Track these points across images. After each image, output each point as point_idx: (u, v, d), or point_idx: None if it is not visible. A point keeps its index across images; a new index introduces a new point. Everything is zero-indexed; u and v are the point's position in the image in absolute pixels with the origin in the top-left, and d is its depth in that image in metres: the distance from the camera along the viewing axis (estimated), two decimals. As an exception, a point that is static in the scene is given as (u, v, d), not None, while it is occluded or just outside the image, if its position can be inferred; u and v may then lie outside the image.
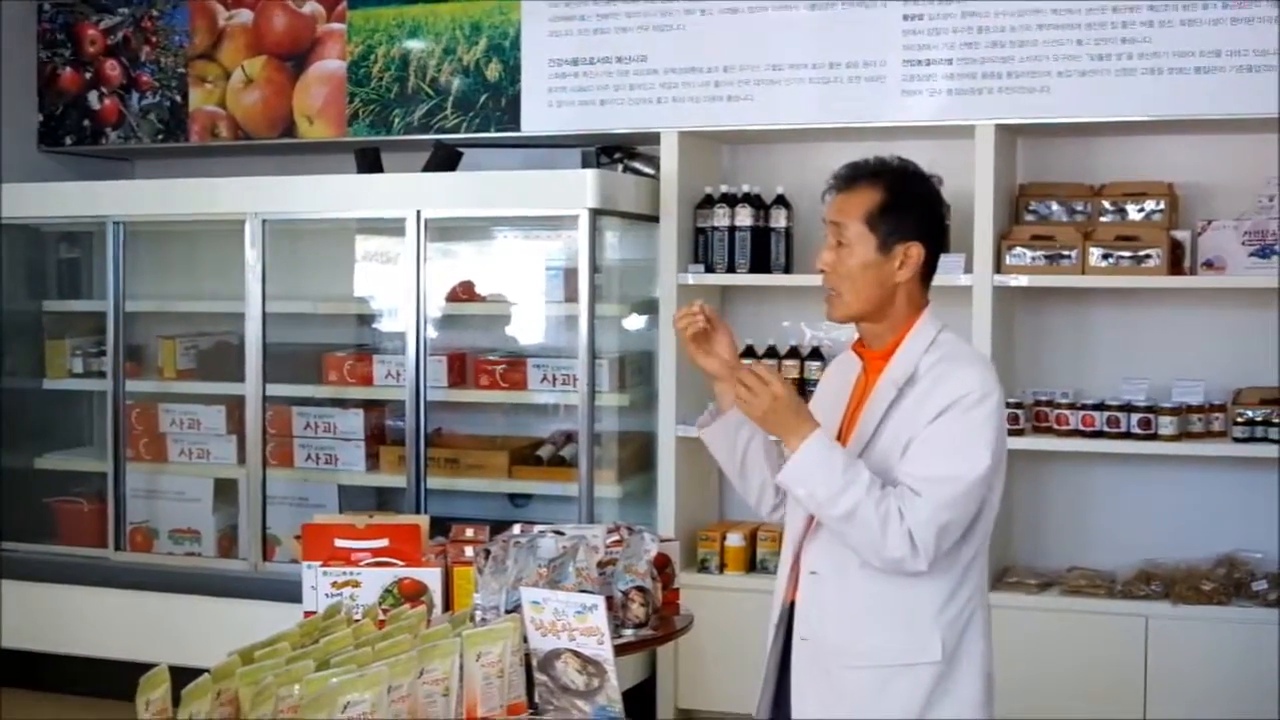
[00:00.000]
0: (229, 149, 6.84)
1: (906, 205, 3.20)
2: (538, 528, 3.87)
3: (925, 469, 3.07)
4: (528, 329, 6.45)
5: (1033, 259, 5.51)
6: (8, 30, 6.87)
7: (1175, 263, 5.44)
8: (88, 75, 6.94)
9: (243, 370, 6.24)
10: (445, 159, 6.20)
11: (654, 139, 5.98)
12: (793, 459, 3.11)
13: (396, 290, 6.09)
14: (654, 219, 5.95)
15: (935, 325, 3.25)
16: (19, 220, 6.65)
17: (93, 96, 6.94)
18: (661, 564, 3.85)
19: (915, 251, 3.19)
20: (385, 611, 3.43)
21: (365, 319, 6.72)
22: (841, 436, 3.26)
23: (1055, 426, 5.54)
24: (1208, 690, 5.22)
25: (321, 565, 3.76)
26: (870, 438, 3.17)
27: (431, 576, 3.74)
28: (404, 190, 6.02)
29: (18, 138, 6.93)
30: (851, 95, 5.69)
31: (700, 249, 5.98)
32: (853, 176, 3.26)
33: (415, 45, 6.36)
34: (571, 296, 5.86)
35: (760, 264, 5.92)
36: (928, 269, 3.25)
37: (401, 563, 3.79)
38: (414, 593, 3.69)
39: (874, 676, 3.15)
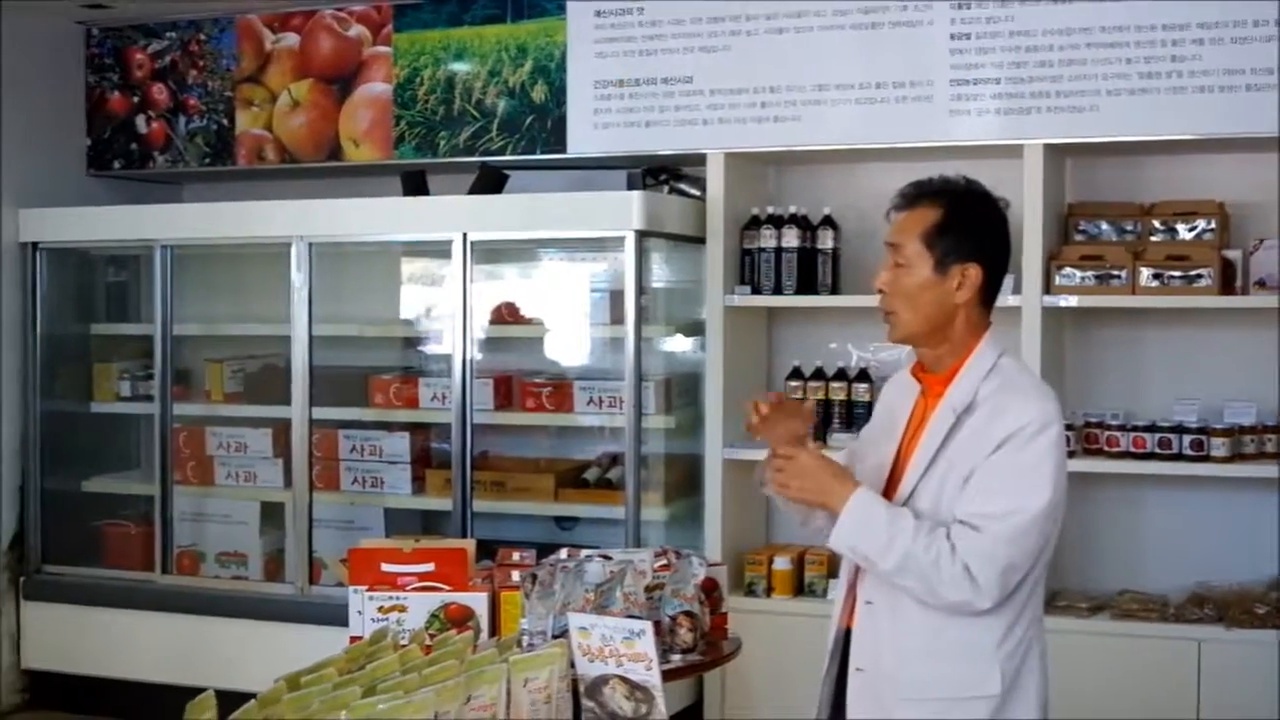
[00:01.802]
0: (275, 172, 6.86)
1: (966, 225, 3.14)
2: (584, 552, 3.86)
3: (984, 505, 3.01)
4: (574, 351, 6.44)
5: (1082, 279, 5.46)
6: (56, 55, 6.92)
7: (1227, 282, 5.38)
8: (135, 99, 6.98)
9: (289, 393, 6.25)
10: (491, 181, 6.20)
11: (700, 160, 5.97)
12: (838, 522, 3.08)
13: (442, 313, 6.09)
14: (700, 240, 5.94)
15: (995, 350, 3.18)
16: (67, 244, 6.71)
17: (140, 120, 6.97)
18: (709, 588, 3.83)
19: (973, 273, 3.13)
20: (432, 636, 3.42)
21: (411, 342, 6.73)
22: (899, 463, 3.21)
23: (1106, 448, 5.49)
24: (1261, 715, 5.14)
25: (368, 590, 3.75)
26: (928, 466, 3.11)
27: (478, 601, 3.73)
28: (450, 213, 6.02)
29: (66, 162, 6.97)
30: (898, 115, 5.66)
31: (746, 270, 5.96)
32: (914, 195, 3.20)
33: (461, 68, 6.36)
34: (618, 318, 5.85)
35: (807, 285, 5.89)
36: (988, 291, 3.19)
37: (448, 587, 3.77)
38: (460, 617, 3.68)
39: (930, 709, 3.10)
